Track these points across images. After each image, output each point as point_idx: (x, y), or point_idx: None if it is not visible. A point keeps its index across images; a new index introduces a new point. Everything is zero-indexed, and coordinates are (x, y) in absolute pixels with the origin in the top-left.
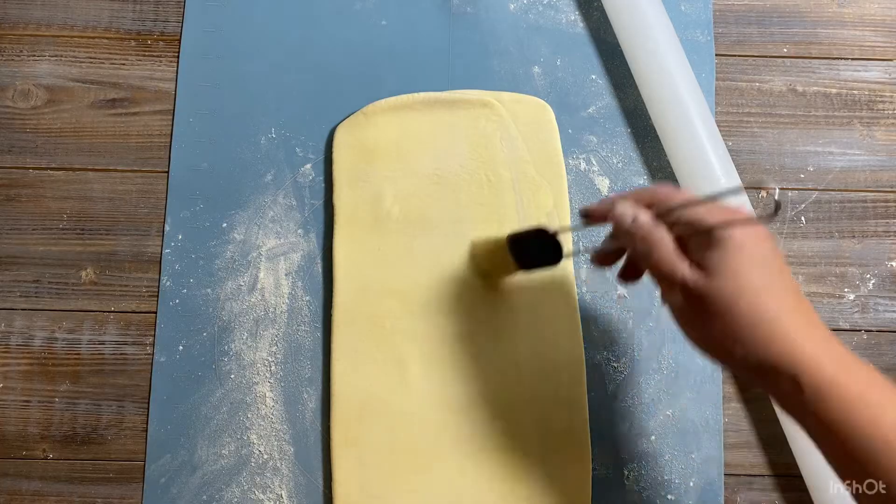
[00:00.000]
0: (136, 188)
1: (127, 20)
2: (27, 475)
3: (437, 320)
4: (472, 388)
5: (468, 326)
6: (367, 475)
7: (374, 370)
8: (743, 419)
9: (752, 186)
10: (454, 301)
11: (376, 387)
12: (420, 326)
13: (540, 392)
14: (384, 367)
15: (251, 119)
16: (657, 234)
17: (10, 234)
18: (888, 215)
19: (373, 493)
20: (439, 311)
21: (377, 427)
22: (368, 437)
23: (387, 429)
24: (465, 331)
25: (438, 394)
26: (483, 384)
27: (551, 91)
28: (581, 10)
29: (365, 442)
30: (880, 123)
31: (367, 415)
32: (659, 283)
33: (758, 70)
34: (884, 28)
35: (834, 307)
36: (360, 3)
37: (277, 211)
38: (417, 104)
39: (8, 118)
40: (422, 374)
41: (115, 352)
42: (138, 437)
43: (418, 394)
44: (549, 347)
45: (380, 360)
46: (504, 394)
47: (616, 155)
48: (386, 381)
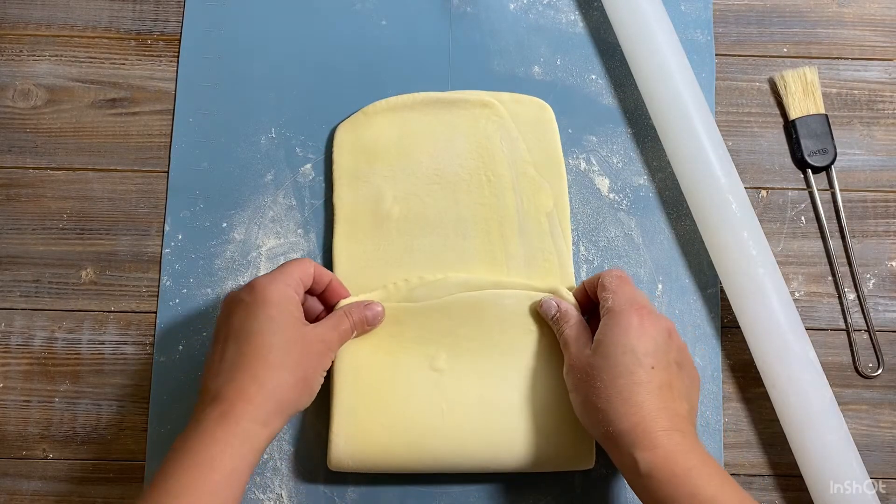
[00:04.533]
0: (136, 188)
1: (127, 20)
2: (27, 475)
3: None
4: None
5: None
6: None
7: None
8: (743, 419)
9: (752, 186)
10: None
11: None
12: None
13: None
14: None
15: (251, 119)
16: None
17: (10, 234)
18: (888, 215)
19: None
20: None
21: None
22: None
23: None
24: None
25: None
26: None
27: (551, 91)
28: (581, 9)
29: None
30: (880, 123)
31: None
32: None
33: (758, 70)
34: (884, 28)
35: (834, 307)
36: (360, 3)
37: (277, 211)
38: (417, 104)
39: (8, 118)
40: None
41: (115, 352)
42: (138, 437)
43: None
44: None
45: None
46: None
47: (616, 155)
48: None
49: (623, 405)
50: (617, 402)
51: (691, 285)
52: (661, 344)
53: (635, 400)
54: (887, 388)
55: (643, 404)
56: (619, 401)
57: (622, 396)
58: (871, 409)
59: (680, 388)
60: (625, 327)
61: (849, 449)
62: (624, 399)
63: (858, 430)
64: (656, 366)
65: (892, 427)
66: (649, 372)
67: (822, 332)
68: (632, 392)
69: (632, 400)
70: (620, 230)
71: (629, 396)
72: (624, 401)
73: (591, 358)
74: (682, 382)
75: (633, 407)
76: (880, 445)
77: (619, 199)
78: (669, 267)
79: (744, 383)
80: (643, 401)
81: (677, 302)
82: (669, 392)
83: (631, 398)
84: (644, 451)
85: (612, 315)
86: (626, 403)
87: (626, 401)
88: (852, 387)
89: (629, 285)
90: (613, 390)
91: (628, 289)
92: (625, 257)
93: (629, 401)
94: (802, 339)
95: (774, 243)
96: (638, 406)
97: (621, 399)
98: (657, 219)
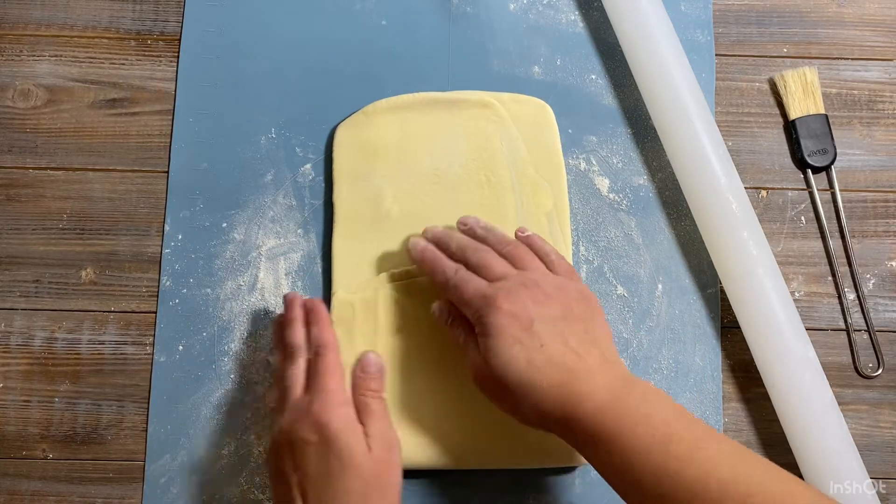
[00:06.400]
0: (136, 188)
1: (127, 20)
2: (27, 475)
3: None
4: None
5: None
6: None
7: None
8: (743, 419)
9: (752, 186)
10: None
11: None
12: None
13: None
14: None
15: (251, 119)
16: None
17: (10, 234)
18: (888, 215)
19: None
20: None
21: None
22: None
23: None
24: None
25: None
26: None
27: (551, 91)
28: (581, 9)
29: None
30: (880, 123)
31: None
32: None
33: (758, 70)
34: (884, 28)
35: (834, 307)
36: (360, 3)
37: (277, 211)
38: (417, 104)
39: (8, 118)
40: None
41: (115, 352)
42: (138, 437)
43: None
44: None
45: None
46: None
47: (616, 155)
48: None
49: (537, 395)
50: (531, 398)
51: (691, 285)
52: (536, 318)
53: (544, 387)
54: (887, 388)
55: (554, 385)
56: (532, 395)
57: (532, 390)
58: (871, 409)
59: (578, 341)
60: (491, 333)
61: (849, 449)
62: (535, 391)
63: (858, 430)
64: (545, 342)
65: (892, 427)
66: (541, 353)
67: (822, 332)
68: (538, 383)
69: (542, 389)
70: (620, 230)
71: (538, 388)
72: (536, 392)
73: (486, 358)
74: (577, 335)
75: (545, 393)
76: (880, 445)
77: (619, 199)
78: (669, 267)
79: (744, 383)
80: (552, 383)
81: (677, 302)
82: (573, 355)
83: (540, 388)
84: (575, 425)
85: (477, 322)
86: (538, 393)
87: (537, 391)
88: (852, 387)
89: (471, 282)
90: (521, 389)
91: (471, 286)
92: (625, 257)
93: (540, 390)
94: (802, 339)
95: (774, 243)
96: (549, 390)
97: (533, 393)
98: (657, 219)
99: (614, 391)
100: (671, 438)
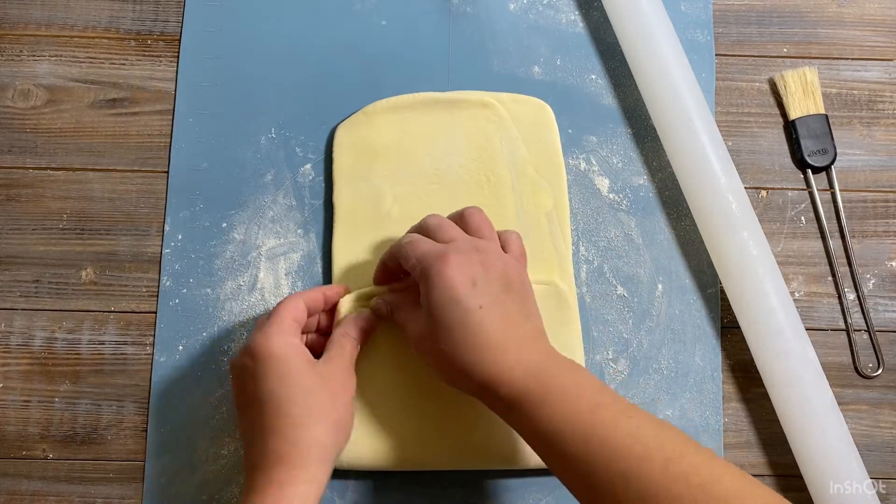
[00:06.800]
0: (136, 188)
1: (127, 20)
2: (27, 475)
3: None
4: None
5: None
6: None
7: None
8: (743, 419)
9: (752, 186)
10: None
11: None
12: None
13: None
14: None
15: (251, 119)
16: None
17: (10, 234)
18: (888, 215)
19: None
20: None
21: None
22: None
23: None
24: None
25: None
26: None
27: (551, 91)
28: (581, 9)
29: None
30: (880, 123)
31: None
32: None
33: (758, 70)
34: (884, 28)
35: (834, 307)
36: (360, 3)
37: (277, 211)
38: (417, 104)
39: (8, 118)
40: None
41: (115, 352)
42: (138, 437)
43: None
44: None
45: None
46: None
47: (616, 155)
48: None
49: (472, 355)
50: (465, 357)
51: (691, 285)
52: (480, 279)
53: (480, 346)
54: (887, 388)
55: (489, 347)
56: (467, 354)
57: (467, 349)
58: (871, 409)
59: (515, 311)
60: (436, 284)
61: (849, 449)
62: (470, 350)
63: (858, 430)
64: (484, 304)
65: (892, 427)
66: (479, 313)
67: (822, 332)
68: (473, 342)
69: (477, 348)
70: (620, 230)
71: (473, 346)
72: (471, 352)
73: (425, 328)
74: (515, 306)
75: (480, 354)
76: (880, 445)
77: (618, 199)
78: (669, 267)
79: (744, 383)
80: (487, 343)
81: (677, 302)
82: (509, 322)
83: (475, 347)
84: (505, 388)
85: (422, 278)
86: (473, 353)
87: (472, 351)
88: (852, 387)
89: (423, 242)
90: (457, 348)
91: (423, 245)
92: (625, 257)
93: (475, 349)
94: (802, 339)
95: (774, 243)
96: (484, 350)
97: (468, 352)
98: (657, 219)
99: (545, 360)
100: (599, 405)
